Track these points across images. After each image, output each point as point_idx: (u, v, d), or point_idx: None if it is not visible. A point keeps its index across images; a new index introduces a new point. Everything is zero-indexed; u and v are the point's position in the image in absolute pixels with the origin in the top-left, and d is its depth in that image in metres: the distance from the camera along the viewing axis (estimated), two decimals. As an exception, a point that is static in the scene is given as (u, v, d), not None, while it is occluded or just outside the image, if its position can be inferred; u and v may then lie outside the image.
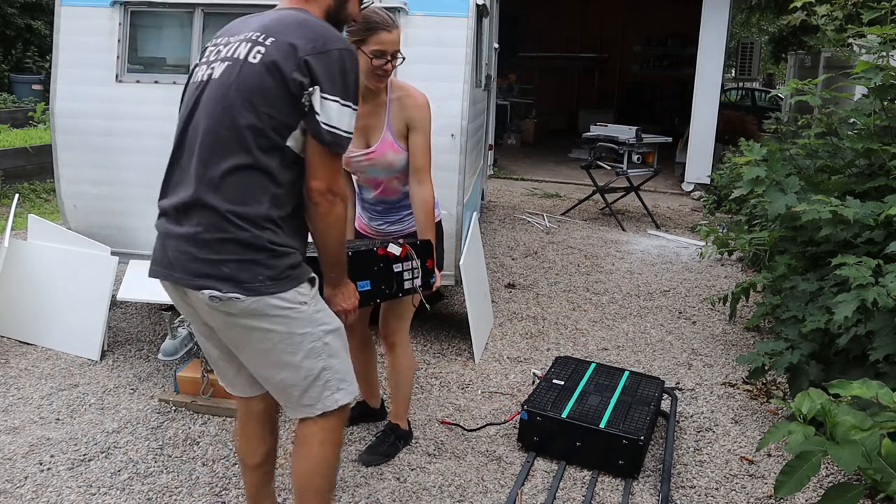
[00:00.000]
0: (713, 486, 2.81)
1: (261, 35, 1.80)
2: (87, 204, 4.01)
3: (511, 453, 2.98)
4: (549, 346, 4.10)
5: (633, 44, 15.24)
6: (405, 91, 2.57)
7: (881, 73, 3.62)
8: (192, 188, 1.78)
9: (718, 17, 8.63)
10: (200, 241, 1.77)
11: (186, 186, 1.80)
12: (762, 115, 8.97)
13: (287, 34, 1.78)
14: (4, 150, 7.48)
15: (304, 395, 1.94)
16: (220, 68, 1.82)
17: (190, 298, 1.87)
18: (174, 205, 1.83)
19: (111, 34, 3.90)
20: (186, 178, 1.81)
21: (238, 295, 1.75)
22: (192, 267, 1.78)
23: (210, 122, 1.78)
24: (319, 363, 1.91)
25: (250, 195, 1.76)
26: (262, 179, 1.77)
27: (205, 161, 1.78)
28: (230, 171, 1.76)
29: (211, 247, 1.76)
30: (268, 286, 1.77)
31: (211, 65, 1.85)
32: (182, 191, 1.82)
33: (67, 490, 2.62)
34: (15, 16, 12.98)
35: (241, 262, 1.76)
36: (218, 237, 1.76)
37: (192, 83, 1.89)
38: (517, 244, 6.28)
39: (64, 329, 3.75)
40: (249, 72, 1.76)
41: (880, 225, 3.31)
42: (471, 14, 3.72)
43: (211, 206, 1.76)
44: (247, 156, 1.76)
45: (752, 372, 3.47)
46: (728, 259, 5.88)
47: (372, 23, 2.38)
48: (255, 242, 1.76)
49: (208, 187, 1.76)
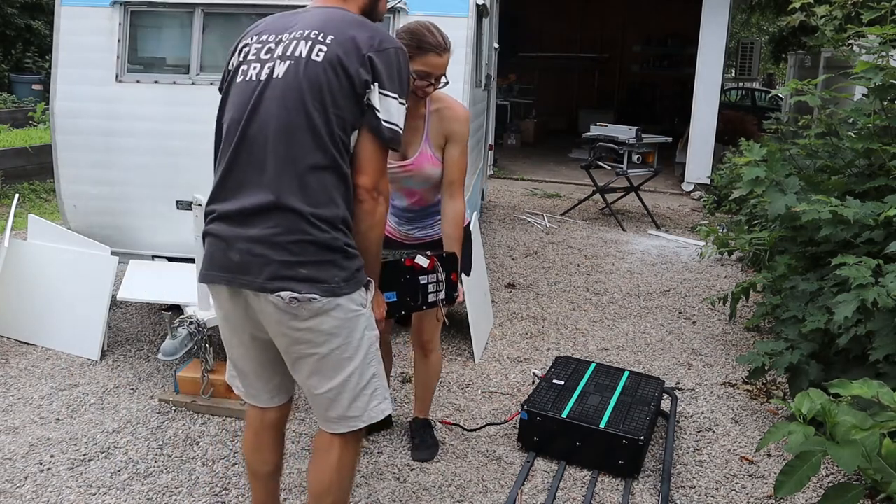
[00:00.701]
0: (713, 486, 2.81)
1: (318, 33, 1.78)
2: (87, 204, 4.02)
3: (511, 453, 2.98)
4: (549, 346, 4.10)
5: (633, 44, 15.24)
6: (445, 103, 2.52)
7: (881, 73, 3.62)
8: (269, 190, 1.74)
9: (718, 17, 8.63)
10: (276, 243, 1.73)
11: (257, 188, 1.76)
12: (762, 115, 8.96)
13: (346, 32, 1.78)
14: (4, 150, 7.48)
15: (352, 405, 1.89)
16: (281, 67, 1.77)
17: (253, 304, 1.81)
18: (241, 208, 1.77)
19: (111, 34, 3.90)
20: (255, 180, 1.76)
21: (315, 295, 1.74)
22: (268, 270, 1.74)
23: (283, 122, 1.75)
24: (371, 369, 1.91)
25: (328, 196, 1.76)
26: (336, 180, 1.77)
27: (282, 162, 1.74)
28: (310, 172, 1.74)
29: (288, 249, 1.73)
30: (341, 287, 1.78)
31: (265, 63, 1.80)
32: (251, 193, 1.76)
33: (67, 490, 2.62)
34: (15, 16, 12.98)
35: (319, 263, 1.75)
36: (296, 239, 1.73)
37: (242, 82, 1.83)
38: (517, 244, 6.28)
39: (64, 329, 3.75)
40: (315, 70, 1.74)
41: (880, 225, 3.31)
42: (471, 14, 3.72)
43: (292, 209, 1.73)
44: (324, 156, 1.75)
45: (752, 372, 3.47)
46: (728, 259, 5.88)
47: (425, 43, 2.32)
48: (334, 244, 1.76)
49: (289, 189, 1.73)
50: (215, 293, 1.90)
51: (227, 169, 1.81)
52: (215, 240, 1.82)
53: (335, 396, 1.88)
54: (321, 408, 1.93)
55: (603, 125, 7.66)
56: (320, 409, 1.93)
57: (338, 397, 1.88)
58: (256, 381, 2.04)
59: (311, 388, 1.90)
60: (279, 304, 1.74)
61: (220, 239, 1.80)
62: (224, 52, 2.63)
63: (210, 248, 1.84)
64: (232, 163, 1.80)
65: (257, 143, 1.77)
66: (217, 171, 1.84)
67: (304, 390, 1.94)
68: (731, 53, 12.71)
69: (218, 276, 1.82)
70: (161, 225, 3.96)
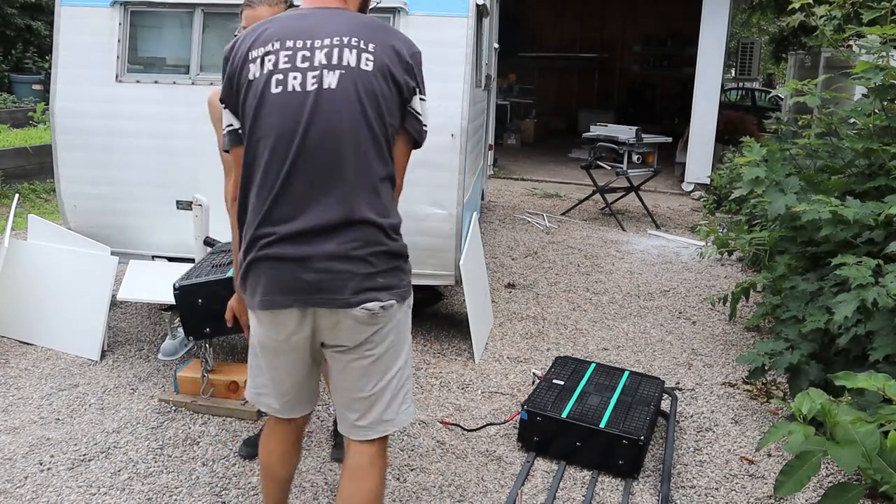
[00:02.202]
0: (713, 486, 2.81)
1: (358, 40, 1.75)
2: (87, 204, 4.02)
3: (511, 453, 2.98)
4: (549, 346, 4.10)
5: (633, 44, 15.23)
6: None
7: (881, 73, 3.62)
8: (343, 204, 1.72)
9: (718, 17, 8.63)
10: (356, 256, 1.73)
11: (326, 203, 1.72)
12: (762, 115, 8.97)
13: (383, 38, 1.78)
14: (4, 150, 7.48)
15: (388, 407, 1.88)
16: (331, 77, 1.72)
17: (325, 321, 1.78)
18: (313, 225, 1.72)
19: (111, 34, 3.90)
20: (322, 195, 1.72)
21: (393, 301, 1.79)
22: (352, 285, 1.73)
23: (349, 135, 1.72)
24: (409, 369, 1.95)
25: (392, 205, 1.82)
26: (391, 188, 1.82)
27: (354, 175, 1.73)
28: (380, 183, 1.76)
29: (368, 261, 1.74)
30: (407, 290, 1.85)
31: (307, 72, 1.72)
32: (321, 209, 1.72)
33: (67, 490, 2.62)
34: (15, 16, 12.97)
35: (392, 270, 1.80)
36: (375, 251, 1.75)
37: (284, 92, 1.72)
38: (517, 244, 6.28)
39: (64, 329, 3.75)
40: (368, 79, 1.73)
41: (880, 225, 3.31)
42: (471, 14, 3.72)
43: (369, 221, 1.73)
44: (385, 166, 1.77)
45: (752, 372, 3.47)
46: (728, 259, 5.88)
47: None
48: (402, 251, 1.83)
49: (363, 201, 1.73)
50: (276, 318, 1.80)
51: (284, 186, 1.72)
52: (280, 263, 1.74)
53: (377, 398, 1.87)
54: (358, 412, 1.89)
55: (603, 125, 7.66)
56: (356, 414, 1.89)
57: (379, 399, 1.87)
58: (295, 396, 1.98)
59: (356, 392, 1.87)
60: (362, 316, 1.75)
61: (289, 261, 1.73)
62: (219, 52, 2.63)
63: (272, 272, 1.75)
64: (289, 179, 1.72)
65: (320, 156, 1.71)
66: (265, 189, 1.74)
67: (342, 397, 1.91)
68: (731, 53, 12.70)
69: (289, 301, 1.75)
70: (161, 225, 3.96)
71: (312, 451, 2.93)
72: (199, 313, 2.33)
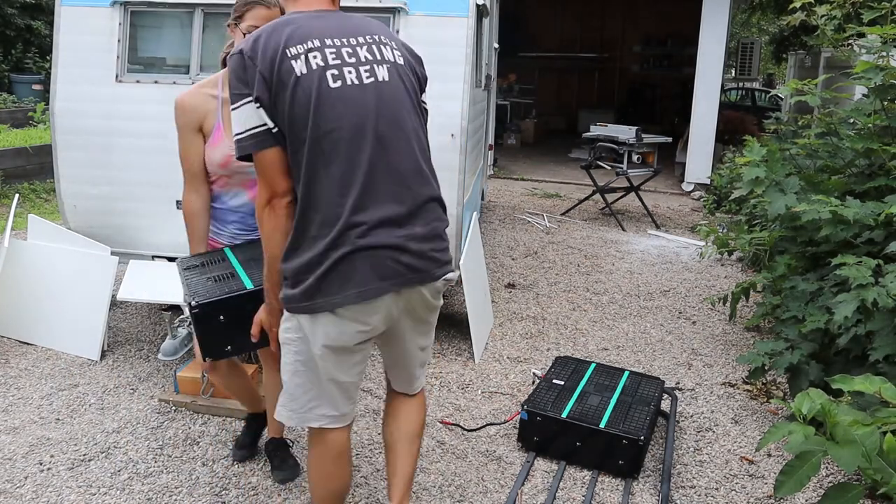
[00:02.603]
0: (713, 486, 2.81)
1: (384, 38, 1.91)
2: (87, 204, 4.01)
3: (511, 453, 2.98)
4: (549, 346, 4.10)
5: (633, 44, 15.23)
6: None
7: (881, 73, 3.62)
8: (424, 186, 1.88)
9: (718, 17, 8.63)
10: (438, 234, 1.92)
11: (409, 188, 1.84)
12: (762, 115, 8.96)
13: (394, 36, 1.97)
14: (4, 150, 7.48)
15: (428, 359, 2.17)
16: (382, 71, 1.84)
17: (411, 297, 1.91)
18: (403, 210, 1.83)
19: (111, 34, 3.90)
20: (403, 180, 1.83)
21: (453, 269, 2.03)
22: (436, 257, 1.90)
23: (411, 123, 1.87)
24: None
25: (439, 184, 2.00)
26: None
27: (419, 159, 1.88)
28: (432, 165, 1.95)
29: (442, 236, 1.95)
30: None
31: (359, 66, 1.81)
32: (406, 194, 1.84)
33: (67, 490, 2.62)
34: (15, 16, 12.97)
35: (448, 242, 1.99)
36: (444, 226, 1.96)
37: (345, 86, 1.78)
38: (517, 244, 6.28)
39: (64, 329, 3.75)
40: (406, 72, 1.91)
41: (880, 225, 3.31)
42: (471, 14, 3.72)
43: (437, 199, 1.93)
44: (429, 150, 1.96)
45: (752, 372, 3.47)
46: (728, 259, 5.88)
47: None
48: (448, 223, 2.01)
49: (431, 183, 1.92)
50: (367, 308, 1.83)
51: (368, 175, 1.78)
52: (378, 251, 1.79)
53: (425, 357, 2.15)
54: (416, 366, 2.15)
55: (603, 125, 7.66)
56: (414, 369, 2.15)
57: (426, 357, 2.15)
58: (355, 393, 2.01)
59: (423, 356, 2.13)
60: (441, 286, 1.95)
61: (386, 248, 1.80)
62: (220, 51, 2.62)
63: (370, 261, 1.79)
64: (372, 168, 1.79)
65: (392, 145, 1.82)
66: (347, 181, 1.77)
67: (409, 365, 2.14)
68: (731, 53, 12.70)
69: (386, 286, 1.82)
70: (161, 225, 3.96)
71: (312, 451, 2.93)
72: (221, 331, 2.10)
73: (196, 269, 2.29)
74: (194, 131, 2.41)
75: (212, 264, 2.31)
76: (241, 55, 1.78)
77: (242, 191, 2.45)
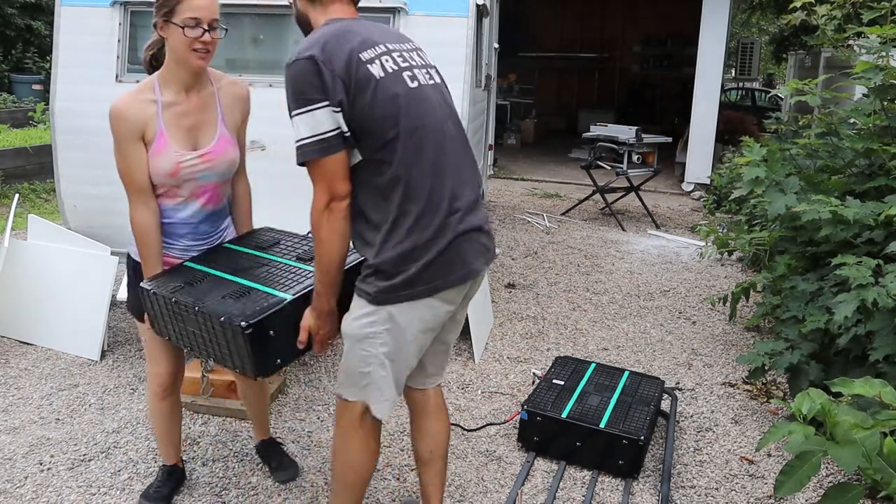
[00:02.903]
0: (713, 486, 2.81)
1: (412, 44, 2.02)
2: (87, 204, 4.01)
3: (511, 453, 2.98)
4: (549, 346, 4.10)
5: (633, 44, 15.23)
6: (228, 79, 2.36)
7: (881, 73, 3.62)
8: (476, 180, 2.02)
9: (718, 17, 8.63)
10: (488, 219, 2.04)
11: (468, 181, 1.97)
12: (762, 115, 8.96)
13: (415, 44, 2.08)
14: (4, 150, 7.48)
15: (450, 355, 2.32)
16: (423, 75, 1.94)
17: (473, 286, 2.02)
18: (468, 203, 1.94)
19: (111, 34, 3.90)
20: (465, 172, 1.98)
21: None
22: (489, 245, 2.02)
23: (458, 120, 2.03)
24: None
25: None
26: None
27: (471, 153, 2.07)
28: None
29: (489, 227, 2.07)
30: None
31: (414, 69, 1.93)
32: (470, 185, 1.97)
33: (67, 490, 2.62)
34: (15, 16, 12.97)
35: None
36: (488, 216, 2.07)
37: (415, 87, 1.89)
38: (517, 244, 6.28)
39: (64, 329, 3.75)
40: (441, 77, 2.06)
41: (880, 225, 3.31)
42: (471, 14, 3.72)
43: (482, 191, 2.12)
44: None
45: (752, 372, 3.47)
46: (728, 259, 5.88)
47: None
48: None
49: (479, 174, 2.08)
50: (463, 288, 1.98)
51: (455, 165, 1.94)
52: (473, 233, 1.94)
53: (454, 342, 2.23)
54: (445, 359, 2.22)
55: (603, 125, 7.66)
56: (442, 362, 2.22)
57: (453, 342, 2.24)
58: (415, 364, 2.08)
59: (452, 342, 2.19)
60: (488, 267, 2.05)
61: (477, 231, 1.95)
62: (223, 52, 2.63)
63: (470, 243, 1.93)
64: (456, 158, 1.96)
65: (460, 137, 2.00)
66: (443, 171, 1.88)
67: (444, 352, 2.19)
68: (731, 53, 12.71)
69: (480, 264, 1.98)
70: (161, 225, 3.95)
71: (312, 450, 2.93)
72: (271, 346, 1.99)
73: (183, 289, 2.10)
74: (136, 141, 2.28)
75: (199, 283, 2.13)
76: (312, 60, 1.75)
77: (193, 200, 2.30)
